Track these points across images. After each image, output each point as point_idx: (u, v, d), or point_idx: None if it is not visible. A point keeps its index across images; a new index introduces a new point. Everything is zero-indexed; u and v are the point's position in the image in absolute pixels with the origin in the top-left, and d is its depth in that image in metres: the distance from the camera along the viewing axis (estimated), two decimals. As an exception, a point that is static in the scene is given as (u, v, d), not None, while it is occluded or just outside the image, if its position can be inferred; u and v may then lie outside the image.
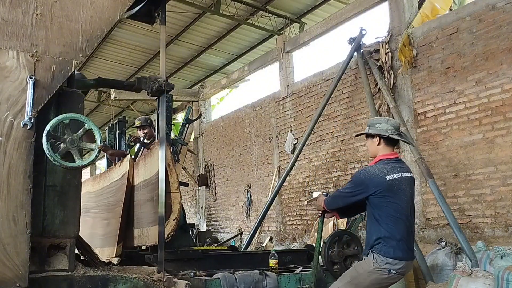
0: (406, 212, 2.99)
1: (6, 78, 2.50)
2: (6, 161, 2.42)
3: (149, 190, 3.94)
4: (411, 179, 3.11)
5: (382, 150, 3.13)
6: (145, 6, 3.54)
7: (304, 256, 4.73)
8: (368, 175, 3.00)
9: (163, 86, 3.47)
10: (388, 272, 2.88)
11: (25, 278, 2.38)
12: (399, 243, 2.90)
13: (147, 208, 3.97)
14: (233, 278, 3.50)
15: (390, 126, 3.15)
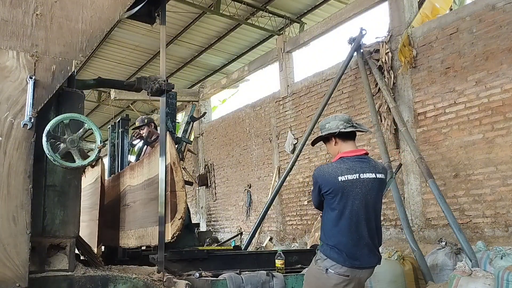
0: (355, 217, 2.73)
1: (6, 78, 2.50)
2: (6, 161, 2.42)
3: (153, 189, 3.91)
4: (375, 180, 2.82)
5: (342, 148, 2.92)
6: (145, 6, 3.54)
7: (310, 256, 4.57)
8: (322, 173, 2.83)
9: (163, 86, 3.47)
10: (325, 271, 2.71)
11: (25, 278, 2.38)
12: (337, 248, 2.71)
13: (151, 207, 3.93)
14: (240, 279, 3.45)
15: (339, 121, 2.92)
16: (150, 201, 3.96)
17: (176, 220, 3.56)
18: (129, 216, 4.63)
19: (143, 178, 4.27)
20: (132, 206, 4.58)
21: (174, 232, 3.51)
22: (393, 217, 7.28)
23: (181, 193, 3.65)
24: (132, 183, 4.67)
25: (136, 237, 4.29)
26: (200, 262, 3.89)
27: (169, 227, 3.52)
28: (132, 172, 4.74)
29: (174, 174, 3.64)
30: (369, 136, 7.82)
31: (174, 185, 3.62)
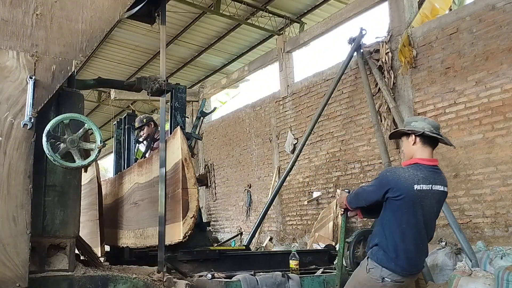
0: (420, 227, 2.73)
1: (6, 78, 2.50)
2: (6, 161, 2.42)
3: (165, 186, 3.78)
4: (442, 193, 2.82)
5: (419, 152, 2.82)
6: (145, 6, 3.54)
7: (325, 257, 4.50)
8: (396, 177, 2.73)
9: (163, 86, 3.47)
10: (381, 280, 2.69)
11: (25, 278, 2.38)
12: (398, 257, 2.69)
13: None
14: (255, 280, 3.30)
15: (427, 124, 2.83)
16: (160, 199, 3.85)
17: (188, 218, 3.42)
18: (138, 215, 4.47)
19: (152, 175, 4.12)
20: (141, 204, 4.42)
21: (186, 231, 3.38)
22: (393, 217, 7.27)
23: (193, 191, 3.51)
24: (141, 180, 4.51)
25: (145, 237, 4.17)
26: (212, 262, 3.74)
27: (181, 226, 3.39)
28: (141, 169, 4.57)
29: (186, 171, 3.49)
30: (369, 136, 7.83)
31: (185, 182, 3.48)
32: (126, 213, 4.80)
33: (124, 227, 4.85)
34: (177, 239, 3.41)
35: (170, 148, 3.68)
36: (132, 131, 5.71)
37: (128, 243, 4.62)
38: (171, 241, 3.48)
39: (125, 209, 4.86)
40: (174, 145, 3.68)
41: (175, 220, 3.51)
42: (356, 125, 8.16)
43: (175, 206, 3.52)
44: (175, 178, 3.58)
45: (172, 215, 3.56)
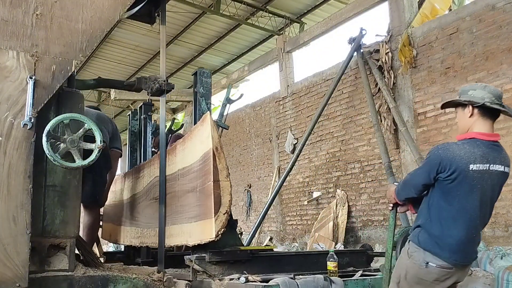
0: (474, 213, 2.38)
1: (6, 78, 2.50)
2: (6, 161, 2.42)
3: (190, 179, 3.42)
4: (502, 174, 2.43)
5: (477, 125, 2.47)
6: (145, 6, 3.54)
7: (362, 258, 4.15)
8: (450, 155, 2.36)
9: (163, 86, 3.47)
10: (425, 265, 2.35)
11: (25, 278, 2.38)
12: (444, 243, 2.37)
13: (188, 200, 3.43)
14: (295, 284, 2.99)
15: (487, 93, 2.44)
16: (186, 194, 3.47)
17: (221, 215, 3.06)
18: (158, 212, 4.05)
19: (176, 167, 3.74)
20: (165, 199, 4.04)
21: (219, 229, 3.02)
22: (393, 217, 7.27)
23: (225, 183, 3.17)
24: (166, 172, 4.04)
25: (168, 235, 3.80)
26: (242, 264, 3.39)
27: (213, 223, 3.02)
28: None
29: (217, 161, 3.11)
30: (369, 136, 7.82)
31: (217, 174, 3.11)
32: (145, 209, 4.41)
33: (142, 224, 4.46)
34: (208, 238, 3.05)
35: (198, 137, 3.32)
36: (149, 122, 5.17)
37: (147, 242, 4.24)
38: (200, 240, 3.15)
39: (144, 205, 4.48)
40: (202, 133, 3.30)
41: (206, 216, 3.15)
42: (356, 125, 8.16)
43: (206, 201, 3.16)
44: (204, 170, 3.21)
45: (201, 211, 3.21)
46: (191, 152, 3.45)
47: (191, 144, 3.48)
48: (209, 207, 3.08)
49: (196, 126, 3.47)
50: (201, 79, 3.92)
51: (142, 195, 4.54)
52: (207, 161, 3.18)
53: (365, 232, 7.88)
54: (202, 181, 3.24)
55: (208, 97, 3.84)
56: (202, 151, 3.25)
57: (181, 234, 3.47)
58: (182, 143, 3.71)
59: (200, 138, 3.32)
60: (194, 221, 3.26)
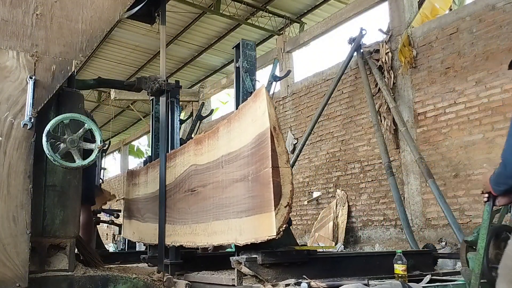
0: None
1: (6, 78, 2.50)
2: (6, 161, 2.42)
3: (238, 166, 2.93)
4: None
5: None
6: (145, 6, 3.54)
7: (429, 260, 3.68)
8: None
9: (163, 86, 3.47)
10: None
11: (25, 278, 2.38)
12: None
13: (236, 191, 2.96)
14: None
15: None
16: (233, 184, 2.99)
17: (282, 207, 2.57)
18: (197, 205, 3.54)
19: (218, 152, 3.24)
20: (201, 191, 3.47)
21: (280, 225, 2.52)
22: (393, 217, 7.28)
23: (286, 170, 2.64)
24: (200, 161, 3.55)
25: (209, 233, 3.29)
26: (298, 267, 2.96)
27: (272, 218, 2.53)
28: (200, 147, 3.61)
29: (276, 144, 2.63)
30: (369, 136, 7.82)
31: (276, 158, 2.60)
32: (178, 203, 3.88)
33: (174, 221, 3.92)
34: (266, 236, 2.58)
35: (249, 115, 2.85)
36: (176, 106, 4.64)
37: (181, 241, 3.70)
38: (255, 239, 2.69)
39: (176, 198, 3.94)
40: (255, 111, 2.82)
41: (263, 210, 2.65)
42: (356, 125, 8.16)
43: (262, 191, 2.66)
44: (259, 154, 2.72)
45: (256, 204, 2.72)
46: (239, 135, 2.94)
47: (240, 125, 2.96)
48: (267, 199, 2.58)
49: (245, 104, 2.97)
50: (244, 52, 3.48)
51: (174, 187, 3.99)
52: (262, 143, 2.68)
53: (365, 232, 7.88)
54: (256, 168, 2.73)
55: (253, 73, 3.41)
56: (255, 132, 2.77)
57: (228, 231, 2.98)
58: (226, 125, 3.17)
59: (252, 117, 2.81)
60: (245, 215, 2.77)
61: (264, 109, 2.68)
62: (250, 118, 2.84)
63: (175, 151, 4.22)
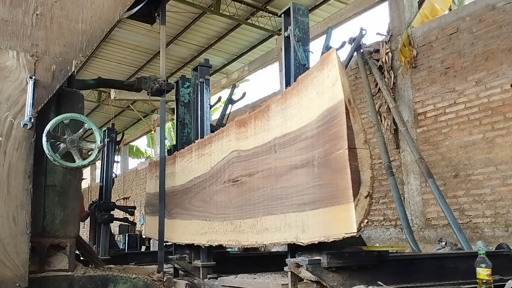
0: None
1: (6, 78, 2.50)
2: (6, 161, 2.42)
3: (298, 150, 2.46)
4: None
5: None
6: (145, 6, 3.54)
7: (507, 262, 3.22)
8: None
9: (163, 86, 3.47)
10: None
11: (25, 278, 2.38)
12: None
13: (295, 180, 2.49)
14: None
15: None
16: (291, 171, 2.51)
17: (362, 198, 2.08)
18: (241, 198, 3.02)
19: (269, 135, 2.76)
20: (246, 182, 2.97)
21: (362, 219, 2.07)
22: (393, 217, 7.28)
23: (364, 153, 2.15)
24: (243, 146, 3.06)
25: (258, 230, 2.79)
26: (368, 271, 2.50)
27: (352, 211, 2.06)
28: (243, 129, 3.11)
29: (352, 120, 2.15)
30: (369, 136, 7.82)
31: (352, 138, 2.14)
32: (215, 196, 3.40)
33: (210, 216, 3.44)
34: (343, 233, 2.11)
35: (313, 88, 2.40)
36: (206, 88, 4.06)
37: (221, 240, 3.25)
38: (326, 237, 2.21)
39: (212, 191, 3.46)
40: (322, 81, 2.34)
41: (336, 201, 2.18)
42: (356, 125, 8.16)
43: (334, 178, 2.20)
44: (329, 133, 2.25)
45: (325, 194, 2.25)
46: (299, 112, 2.50)
47: (300, 101, 2.50)
48: (343, 188, 2.13)
49: (307, 75, 2.49)
50: (296, 19, 3.04)
51: (210, 177, 3.49)
52: (333, 120, 2.22)
53: (365, 232, 7.87)
54: (325, 151, 2.27)
55: (306, 42, 2.88)
56: (322, 107, 2.30)
57: (285, 228, 2.54)
58: (279, 101, 2.69)
59: (318, 89, 2.34)
60: (309, 209, 2.33)
61: (335, 78, 2.20)
62: (315, 91, 2.36)
63: (210, 136, 3.65)
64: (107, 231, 5.80)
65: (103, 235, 5.76)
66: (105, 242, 5.70)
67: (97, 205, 6.04)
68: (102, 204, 5.96)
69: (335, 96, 2.22)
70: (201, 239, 3.46)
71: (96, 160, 2.91)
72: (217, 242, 3.30)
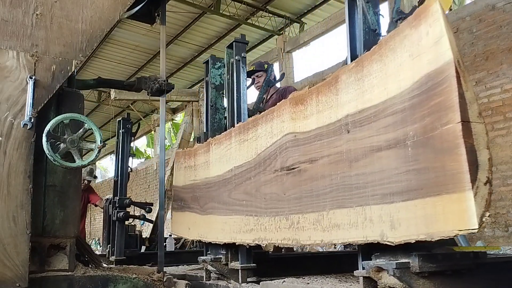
0: None
1: (6, 78, 2.50)
2: (6, 161, 2.42)
3: (383, 128, 1.99)
4: None
5: None
6: (145, 6, 3.54)
7: None
8: None
9: (163, 86, 3.47)
10: None
11: (25, 278, 2.38)
12: None
13: (378, 164, 2.01)
14: None
15: None
16: (372, 154, 2.02)
17: (481, 185, 1.63)
18: (297, 189, 2.54)
19: (338, 112, 2.28)
20: (306, 169, 2.48)
21: (483, 212, 1.59)
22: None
23: (479, 128, 1.69)
24: (302, 127, 2.56)
25: (324, 227, 2.32)
26: (462, 276, 2.03)
27: (470, 201, 1.60)
28: (301, 107, 2.59)
29: (463, 86, 1.68)
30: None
31: (465, 108, 1.68)
32: (263, 188, 2.90)
33: (257, 211, 2.93)
34: (456, 230, 1.65)
35: (404, 49, 1.93)
36: (243, 67, 3.63)
37: (271, 238, 2.75)
38: (428, 235, 1.75)
39: (260, 182, 2.95)
40: (418, 39, 1.88)
41: (445, 189, 1.72)
42: (356, 125, 8.16)
43: (440, 160, 1.75)
44: (429, 104, 1.81)
45: (426, 181, 1.80)
46: (383, 81, 2.02)
47: (384, 67, 2.04)
48: (453, 172, 1.68)
49: (395, 34, 2.00)
50: None
51: (255, 165, 3.00)
52: (437, 87, 1.78)
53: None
54: (424, 126, 1.83)
55: (376, 4, 2.47)
56: (420, 72, 1.85)
57: (363, 223, 2.06)
58: (352, 71, 2.21)
59: (412, 51, 1.91)
60: (401, 200, 1.89)
61: (439, 34, 1.75)
62: (407, 54, 1.93)
63: (255, 118, 3.16)
64: (122, 230, 5.43)
65: (118, 233, 5.39)
66: (120, 242, 5.33)
67: (111, 202, 5.63)
68: (118, 200, 5.52)
69: (440, 57, 1.76)
70: (245, 238, 2.95)
71: (96, 160, 2.91)
72: (267, 241, 2.78)
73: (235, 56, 3.61)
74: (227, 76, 3.76)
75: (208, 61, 4.02)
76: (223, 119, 3.95)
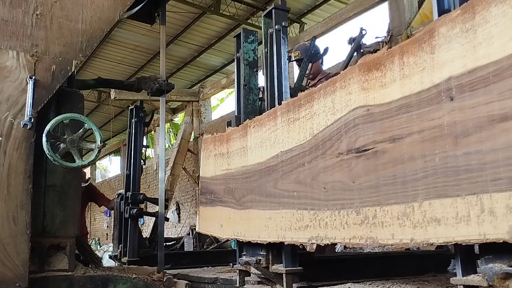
0: None
1: (6, 78, 2.50)
2: (6, 161, 2.43)
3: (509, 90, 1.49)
4: None
5: None
6: (145, 6, 3.54)
7: None
8: None
9: (163, 86, 3.47)
10: None
11: (25, 278, 2.38)
12: None
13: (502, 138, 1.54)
14: None
15: None
16: (491, 126, 1.54)
17: None
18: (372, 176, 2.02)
19: (436, 74, 1.77)
20: (386, 151, 1.97)
21: None
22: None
23: None
24: (377, 99, 2.05)
25: (415, 223, 1.74)
26: None
27: None
28: (376, 74, 2.06)
29: None
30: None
31: None
32: (322, 176, 2.31)
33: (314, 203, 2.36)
34: None
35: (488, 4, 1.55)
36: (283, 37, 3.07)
37: (335, 236, 2.19)
38: None
39: (318, 167, 2.35)
40: None
41: None
42: (356, 125, 8.15)
43: None
44: None
45: None
46: (508, 28, 1.48)
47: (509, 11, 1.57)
48: None
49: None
50: None
51: (311, 149, 2.39)
52: None
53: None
54: None
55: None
56: None
57: (478, 217, 1.59)
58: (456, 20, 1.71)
59: None
60: (494, 190, 1.55)
61: None
62: None
63: (309, 92, 2.58)
64: (135, 228, 4.90)
65: (131, 232, 4.84)
66: (133, 241, 4.80)
67: (123, 197, 5.05)
68: (130, 196, 4.97)
69: None
70: (298, 236, 2.46)
71: (96, 160, 2.91)
72: (329, 240, 2.23)
73: (275, 26, 3.03)
74: (265, 50, 3.17)
75: (239, 35, 3.49)
76: (257, 100, 3.43)
